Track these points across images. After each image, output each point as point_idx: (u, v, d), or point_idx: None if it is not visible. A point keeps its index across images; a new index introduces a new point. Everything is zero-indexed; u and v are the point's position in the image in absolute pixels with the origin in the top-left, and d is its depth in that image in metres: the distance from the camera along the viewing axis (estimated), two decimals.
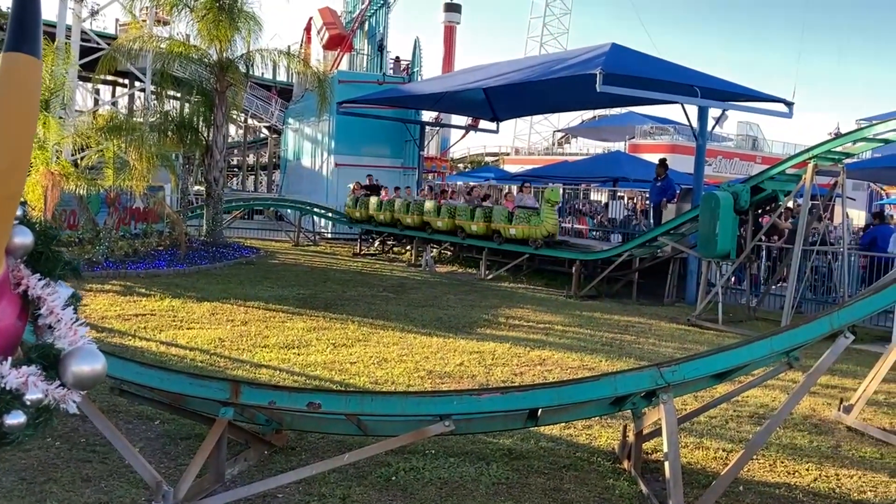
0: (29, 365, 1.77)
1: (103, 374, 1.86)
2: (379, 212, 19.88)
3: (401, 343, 9.04)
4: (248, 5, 18.44)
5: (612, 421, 6.11)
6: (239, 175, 54.75)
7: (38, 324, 1.87)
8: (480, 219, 16.42)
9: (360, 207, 20.82)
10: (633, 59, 15.70)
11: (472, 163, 59.56)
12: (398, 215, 19.12)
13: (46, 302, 1.86)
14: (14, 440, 1.74)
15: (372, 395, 5.00)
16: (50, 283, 1.88)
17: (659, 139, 39.14)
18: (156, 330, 9.18)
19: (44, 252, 1.88)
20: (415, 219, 18.45)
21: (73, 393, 1.84)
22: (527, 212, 15.37)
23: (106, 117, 16.78)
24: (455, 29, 49.13)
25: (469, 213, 16.83)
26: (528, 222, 15.16)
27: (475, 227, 16.56)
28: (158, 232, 17.83)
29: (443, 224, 17.60)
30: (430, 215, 17.97)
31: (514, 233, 15.50)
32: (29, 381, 1.74)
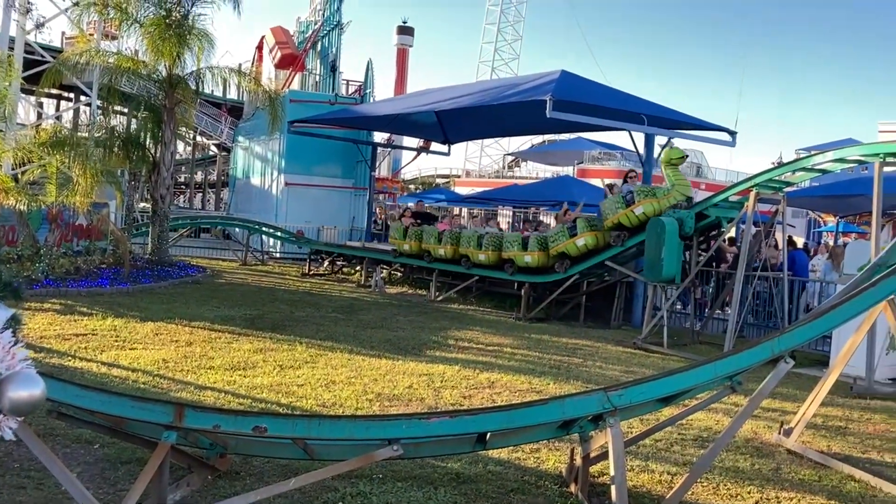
0: None
1: (42, 400, 1.80)
2: (438, 245, 16.55)
3: (349, 365, 8.97)
4: (200, 22, 18.28)
5: (560, 444, 6.14)
6: (187, 193, 53.86)
7: None
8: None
9: (410, 239, 17.30)
10: (583, 86, 16.00)
11: (424, 184, 59.74)
12: (468, 250, 15.83)
13: None
14: None
15: (319, 418, 4.93)
16: None
17: (606, 164, 39.89)
18: (97, 350, 8.94)
19: None
20: (490, 256, 15.36)
21: (10, 419, 1.78)
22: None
23: (49, 131, 16.36)
24: (408, 52, 49.54)
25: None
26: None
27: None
28: (102, 249, 17.41)
29: (534, 260, 14.45)
30: (513, 248, 14.83)
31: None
32: None
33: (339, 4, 29.00)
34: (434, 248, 16.72)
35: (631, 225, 13.24)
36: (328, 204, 25.78)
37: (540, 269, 14.62)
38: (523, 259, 14.66)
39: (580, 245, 14.01)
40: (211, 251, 24.80)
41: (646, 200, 13.00)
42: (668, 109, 16.47)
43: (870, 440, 7.20)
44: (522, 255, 14.67)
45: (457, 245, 16.17)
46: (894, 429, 7.69)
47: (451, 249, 16.23)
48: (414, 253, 17.36)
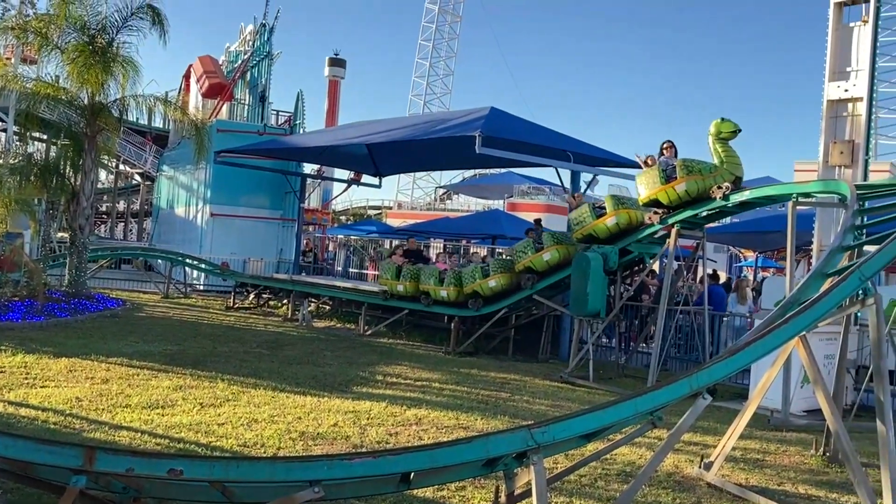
0: None
1: None
2: (439, 286, 15.03)
3: (273, 403, 8.77)
4: (125, 50, 17.90)
5: (486, 482, 6.10)
6: (108, 222, 52.29)
7: None
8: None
9: (405, 279, 15.63)
10: (511, 123, 16.28)
11: (355, 215, 59.57)
12: (485, 286, 14.25)
13: None
14: None
15: (238, 460, 4.79)
16: None
17: (536, 199, 40.52)
18: (4, 389, 8.51)
19: None
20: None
21: None
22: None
23: None
24: (339, 83, 49.41)
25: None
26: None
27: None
28: (14, 282, 16.68)
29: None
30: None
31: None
32: None
33: (269, 35, 28.85)
34: (434, 289, 15.09)
35: (670, 203, 11.81)
36: (255, 235, 25.40)
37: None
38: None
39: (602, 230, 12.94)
40: (132, 283, 24.07)
41: (690, 177, 11.45)
42: (594, 147, 16.89)
43: (785, 472, 7.40)
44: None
45: (460, 286, 14.67)
46: (808, 460, 7.93)
47: (455, 291, 14.72)
48: (408, 295, 15.65)
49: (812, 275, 6.23)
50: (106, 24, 17.46)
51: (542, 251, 13.81)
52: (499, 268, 14.25)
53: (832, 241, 6.95)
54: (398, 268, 15.94)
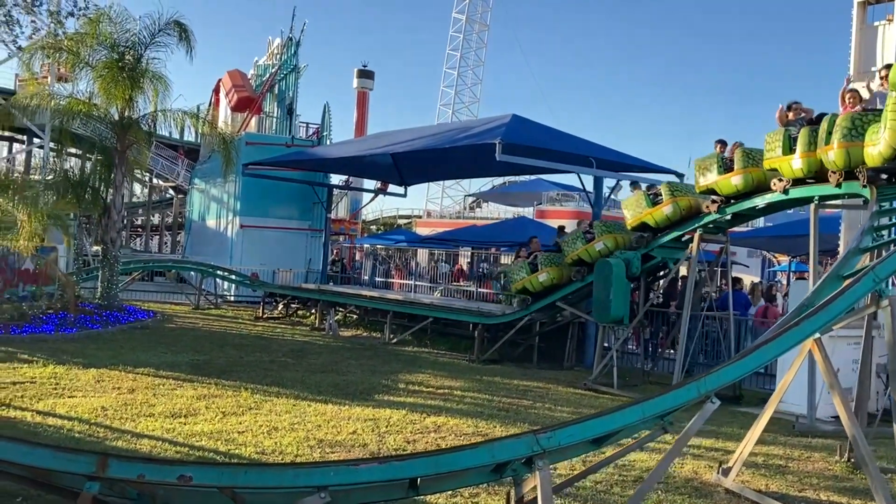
0: None
1: None
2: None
3: (294, 411, 8.86)
4: (154, 66, 18.25)
5: (500, 488, 6.11)
6: (143, 235, 53.18)
7: None
8: None
9: (546, 265, 14.06)
10: (533, 129, 16.28)
11: (385, 225, 59.88)
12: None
13: None
14: None
15: (246, 467, 4.87)
16: None
17: (565, 205, 40.39)
18: (33, 399, 8.72)
19: None
20: None
21: None
22: None
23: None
24: (367, 95, 49.88)
25: None
26: None
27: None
28: (49, 294, 17.07)
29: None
30: None
31: None
32: None
33: (296, 48, 29.22)
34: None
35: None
36: (284, 246, 25.64)
37: None
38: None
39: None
40: (164, 295, 24.43)
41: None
42: (618, 153, 16.83)
43: (807, 478, 7.29)
44: None
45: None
46: (833, 467, 7.80)
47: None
48: (555, 283, 13.98)
49: (828, 277, 6.16)
50: (135, 41, 17.82)
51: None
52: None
53: (849, 243, 6.87)
54: (531, 263, 14.37)
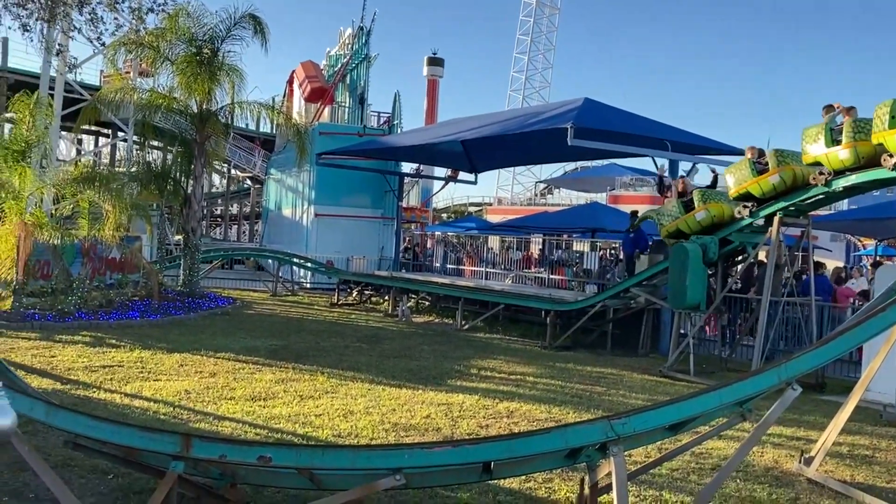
0: None
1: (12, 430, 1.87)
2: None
3: (369, 395, 9.00)
4: (230, 59, 18.70)
5: (573, 473, 6.08)
6: (222, 225, 54.71)
7: None
8: None
9: (709, 200, 12.61)
10: (606, 113, 16.02)
11: (456, 212, 60.02)
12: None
13: None
14: None
15: (322, 448, 4.98)
16: None
17: (639, 190, 39.70)
18: (122, 382, 9.10)
19: None
20: None
21: None
22: None
23: (81, 167, 16.81)
24: (438, 82, 49.93)
25: None
26: None
27: None
28: (134, 282, 17.75)
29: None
30: None
31: None
32: None
33: (366, 38, 29.45)
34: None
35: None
36: (357, 234, 26.00)
37: None
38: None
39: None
40: (243, 282, 25.12)
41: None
42: (694, 135, 16.41)
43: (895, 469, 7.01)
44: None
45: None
46: None
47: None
48: (716, 222, 12.49)
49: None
50: (211, 34, 18.29)
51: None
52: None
53: None
54: (685, 202, 12.95)
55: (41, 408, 4.72)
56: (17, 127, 14.87)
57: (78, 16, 10.68)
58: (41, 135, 14.95)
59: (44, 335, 12.24)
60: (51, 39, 14.16)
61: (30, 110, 14.33)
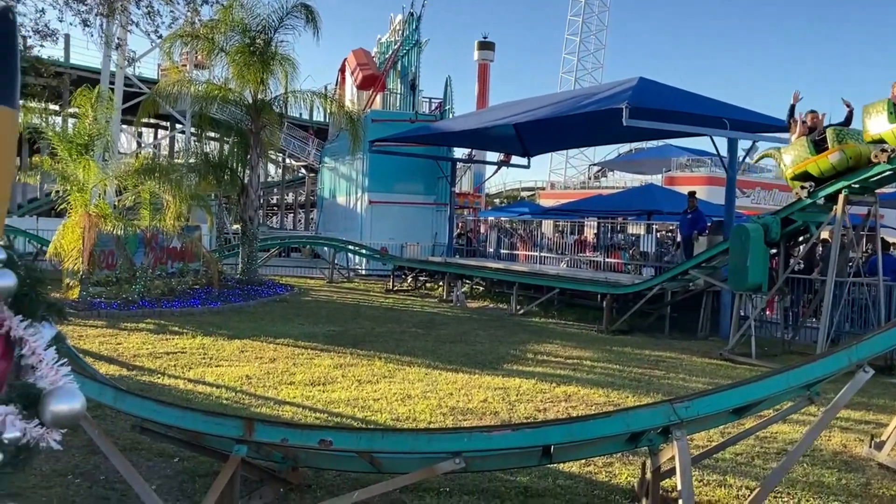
0: (7, 404, 1.82)
1: (81, 414, 1.91)
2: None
3: (426, 379, 9.04)
4: (282, 48, 18.88)
5: (634, 457, 6.01)
6: (279, 214, 55.54)
7: (22, 364, 1.94)
8: None
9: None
10: (661, 92, 15.68)
11: (508, 198, 59.74)
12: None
13: (28, 343, 1.92)
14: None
15: (382, 432, 5.01)
16: (33, 325, 1.95)
17: (696, 171, 38.89)
18: (185, 368, 9.31)
19: (28, 294, 1.95)
20: None
21: (53, 432, 1.89)
22: None
23: (141, 159, 17.23)
24: (489, 67, 49.61)
25: None
26: None
27: None
28: (195, 271, 18.14)
29: None
30: None
31: None
32: (6, 420, 1.80)
33: (417, 24, 29.43)
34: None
35: None
36: (411, 220, 26.12)
37: None
38: None
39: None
40: (299, 270, 25.48)
41: None
42: (754, 112, 15.95)
43: None
44: None
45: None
46: None
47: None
48: (851, 166, 11.17)
49: None
50: (264, 24, 18.48)
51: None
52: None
53: None
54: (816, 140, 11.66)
55: (109, 393, 4.86)
56: (80, 121, 15.28)
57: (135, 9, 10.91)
58: (102, 128, 15.34)
59: (110, 323, 12.60)
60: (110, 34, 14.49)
61: (91, 104, 14.68)
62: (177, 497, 5.00)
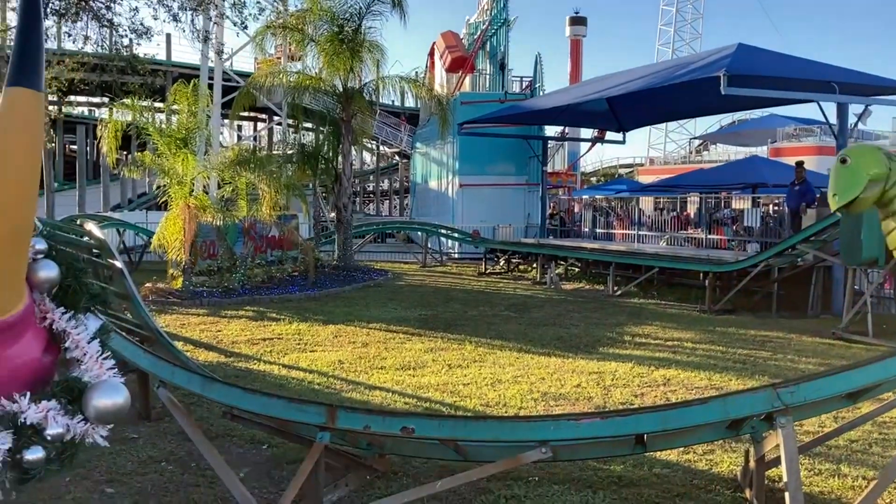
0: (50, 399, 1.77)
1: (125, 408, 1.83)
2: None
3: (517, 364, 8.86)
4: (370, 35, 18.93)
5: (736, 444, 5.66)
6: (373, 200, 56.36)
7: (66, 357, 1.88)
8: None
9: None
10: (762, 58, 14.84)
11: (605, 176, 58.53)
12: None
13: (72, 335, 1.86)
14: (34, 476, 1.74)
15: (465, 420, 4.87)
16: (77, 317, 1.89)
17: (804, 141, 37.03)
18: (280, 353, 9.46)
19: (71, 285, 1.89)
20: None
21: (99, 427, 1.82)
22: None
23: (236, 151, 17.67)
24: (581, 42, 48.62)
25: None
26: None
27: None
28: (293, 259, 18.52)
29: None
30: None
31: None
32: (49, 415, 1.74)
33: (505, 2, 29.00)
34: None
35: None
36: (502, 202, 25.88)
37: None
38: None
39: None
40: (394, 255, 25.71)
41: None
42: (865, 74, 14.92)
43: None
44: None
45: None
46: None
47: None
48: None
49: None
50: (352, 12, 18.56)
51: None
52: None
53: None
54: None
55: (197, 381, 4.92)
56: (179, 115, 15.78)
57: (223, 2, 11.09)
58: (200, 122, 15.79)
59: (211, 311, 12.99)
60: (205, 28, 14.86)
61: (188, 99, 15.13)
62: (265, 484, 5.02)
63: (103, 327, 1.94)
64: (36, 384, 1.80)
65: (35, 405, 1.74)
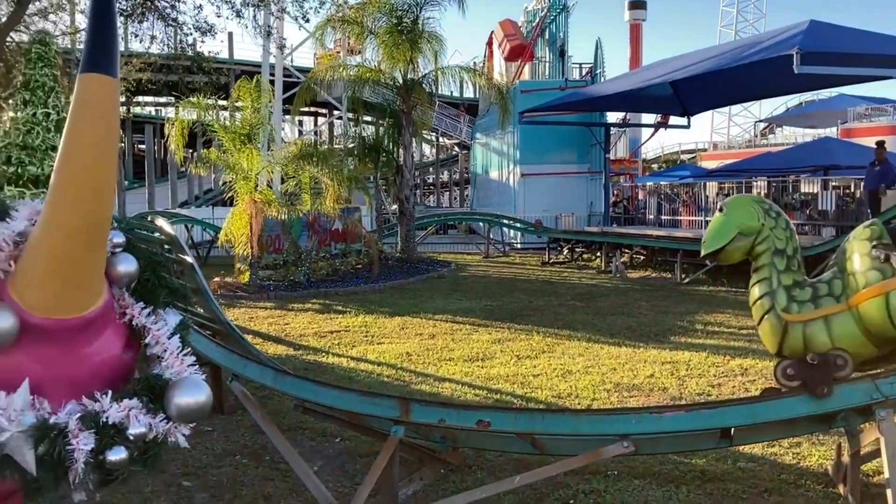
0: (132, 398, 1.71)
1: (208, 407, 1.76)
2: None
3: (587, 354, 8.67)
4: (429, 25, 18.85)
5: (825, 437, 5.40)
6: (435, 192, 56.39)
7: (147, 354, 1.82)
8: None
9: None
10: (836, 34, 14.25)
11: (667, 162, 57.38)
12: None
13: (152, 331, 1.80)
14: (118, 477, 1.69)
15: (542, 413, 4.74)
16: (156, 312, 1.82)
17: (876, 121, 35.56)
18: (348, 346, 9.47)
19: (150, 279, 1.83)
20: None
21: (181, 426, 1.76)
22: None
23: (299, 146, 17.82)
24: (641, 27, 47.77)
25: None
26: None
27: None
28: (357, 251, 18.62)
29: None
30: None
31: None
32: (131, 414, 1.68)
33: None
34: None
35: None
36: (564, 191, 25.55)
37: None
38: None
39: None
40: (456, 246, 25.65)
41: None
42: None
43: None
44: None
45: None
46: None
47: None
48: None
49: None
50: (410, 3, 18.50)
51: None
52: None
53: None
54: None
55: (269, 374, 4.90)
56: (242, 112, 15.99)
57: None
58: (263, 117, 15.96)
59: (278, 304, 13.12)
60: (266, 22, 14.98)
61: (251, 95, 15.31)
62: (339, 478, 4.99)
63: (183, 322, 1.88)
64: (117, 382, 1.75)
65: (117, 404, 1.68)
